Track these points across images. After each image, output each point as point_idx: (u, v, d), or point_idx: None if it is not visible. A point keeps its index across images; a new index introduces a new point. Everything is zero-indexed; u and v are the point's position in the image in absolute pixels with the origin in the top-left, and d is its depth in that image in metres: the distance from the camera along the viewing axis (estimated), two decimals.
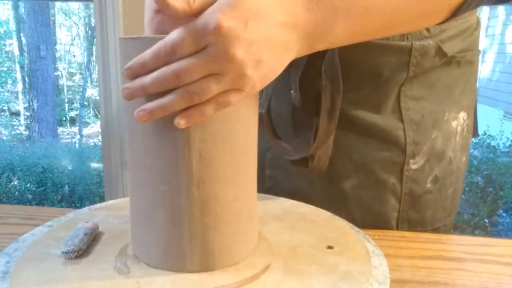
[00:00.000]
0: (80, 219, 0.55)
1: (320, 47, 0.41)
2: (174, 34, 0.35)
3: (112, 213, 0.57)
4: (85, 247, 0.46)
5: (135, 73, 0.38)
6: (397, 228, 0.62)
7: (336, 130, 0.59)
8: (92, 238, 0.49)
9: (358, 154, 0.61)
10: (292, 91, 0.61)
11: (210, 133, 0.40)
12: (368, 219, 0.61)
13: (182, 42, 0.35)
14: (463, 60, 0.61)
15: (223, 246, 0.43)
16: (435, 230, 0.64)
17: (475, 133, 0.69)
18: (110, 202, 0.62)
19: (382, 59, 0.58)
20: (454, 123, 0.62)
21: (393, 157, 0.60)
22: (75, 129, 7.19)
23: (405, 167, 0.60)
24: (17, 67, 7.36)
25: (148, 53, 0.37)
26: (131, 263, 0.44)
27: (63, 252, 0.45)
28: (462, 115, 0.63)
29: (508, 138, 4.33)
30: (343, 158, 0.61)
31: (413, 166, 0.61)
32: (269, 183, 0.69)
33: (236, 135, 0.42)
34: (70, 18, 8.81)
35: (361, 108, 0.60)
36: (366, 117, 0.60)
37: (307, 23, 0.38)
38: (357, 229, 0.55)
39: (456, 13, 0.46)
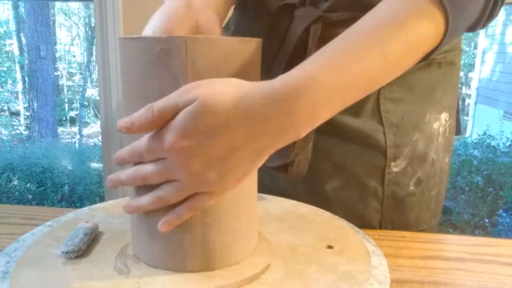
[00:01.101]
0: (80, 219, 0.55)
1: (303, 134, 0.39)
2: (143, 140, 0.39)
3: (112, 213, 0.57)
4: (85, 247, 0.46)
5: (119, 164, 0.42)
6: (381, 229, 0.62)
7: (317, 134, 0.58)
8: (92, 238, 0.49)
9: (339, 157, 0.61)
10: None
11: None
12: (352, 219, 0.60)
13: (146, 150, 0.38)
14: (444, 61, 0.61)
15: (223, 246, 0.43)
16: (420, 232, 0.64)
17: (458, 131, 0.68)
18: (110, 202, 0.62)
19: None
20: (435, 124, 0.62)
21: (374, 160, 0.60)
22: (75, 129, 7.19)
23: (386, 170, 0.60)
24: (17, 67, 7.36)
25: (126, 150, 0.40)
26: (131, 263, 0.44)
27: (63, 252, 0.45)
28: (444, 115, 0.63)
29: (508, 138, 4.33)
30: (324, 160, 0.61)
31: (395, 169, 0.60)
32: None
33: None
34: (70, 18, 8.81)
35: (341, 112, 0.59)
36: (346, 121, 0.59)
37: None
38: (357, 229, 0.55)
39: (428, 56, 0.45)
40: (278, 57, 0.56)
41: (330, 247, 0.49)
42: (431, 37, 0.42)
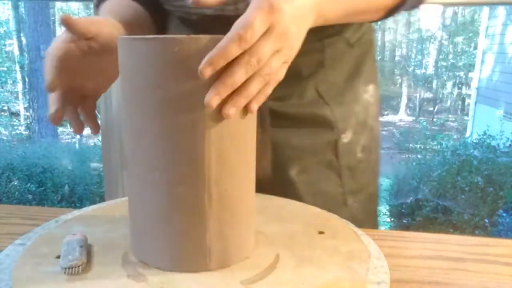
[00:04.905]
0: (55, 233, 0.52)
1: (320, 22, 0.50)
2: (247, 19, 0.38)
3: (88, 223, 0.55)
4: (86, 260, 0.44)
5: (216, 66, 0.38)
6: (345, 204, 0.69)
7: (273, 129, 0.65)
8: (86, 251, 0.46)
9: (297, 142, 0.67)
10: None
11: (227, 132, 0.41)
12: (318, 201, 0.65)
13: (255, 23, 0.38)
14: (362, 41, 0.70)
15: (238, 242, 0.45)
16: (371, 195, 0.73)
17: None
18: (75, 212, 0.60)
19: (299, 60, 0.59)
20: (366, 95, 0.71)
21: (327, 136, 0.68)
22: None
23: (338, 142, 0.68)
24: (17, 67, 7.35)
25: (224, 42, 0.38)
26: (142, 270, 0.43)
27: (66, 268, 0.42)
28: (371, 87, 0.71)
29: (508, 138, 4.33)
30: (284, 150, 0.67)
31: (345, 140, 0.69)
32: None
33: (246, 133, 0.43)
34: None
35: (286, 104, 0.66)
36: (293, 110, 0.66)
37: (318, 3, 0.47)
38: (334, 215, 0.58)
39: (390, 14, 0.60)
40: None
41: (321, 232, 0.52)
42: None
